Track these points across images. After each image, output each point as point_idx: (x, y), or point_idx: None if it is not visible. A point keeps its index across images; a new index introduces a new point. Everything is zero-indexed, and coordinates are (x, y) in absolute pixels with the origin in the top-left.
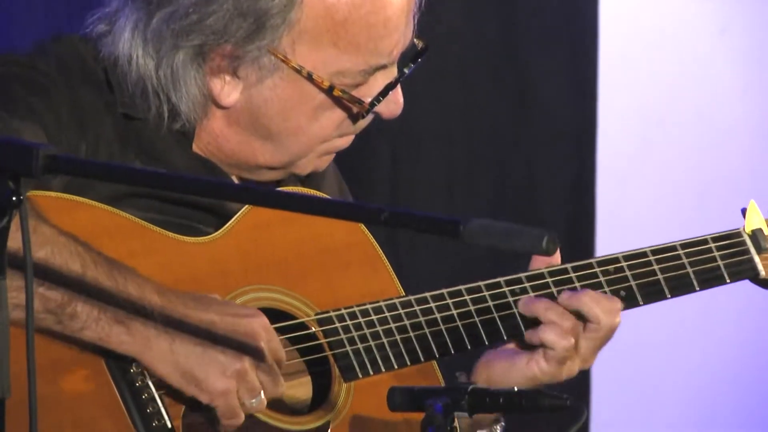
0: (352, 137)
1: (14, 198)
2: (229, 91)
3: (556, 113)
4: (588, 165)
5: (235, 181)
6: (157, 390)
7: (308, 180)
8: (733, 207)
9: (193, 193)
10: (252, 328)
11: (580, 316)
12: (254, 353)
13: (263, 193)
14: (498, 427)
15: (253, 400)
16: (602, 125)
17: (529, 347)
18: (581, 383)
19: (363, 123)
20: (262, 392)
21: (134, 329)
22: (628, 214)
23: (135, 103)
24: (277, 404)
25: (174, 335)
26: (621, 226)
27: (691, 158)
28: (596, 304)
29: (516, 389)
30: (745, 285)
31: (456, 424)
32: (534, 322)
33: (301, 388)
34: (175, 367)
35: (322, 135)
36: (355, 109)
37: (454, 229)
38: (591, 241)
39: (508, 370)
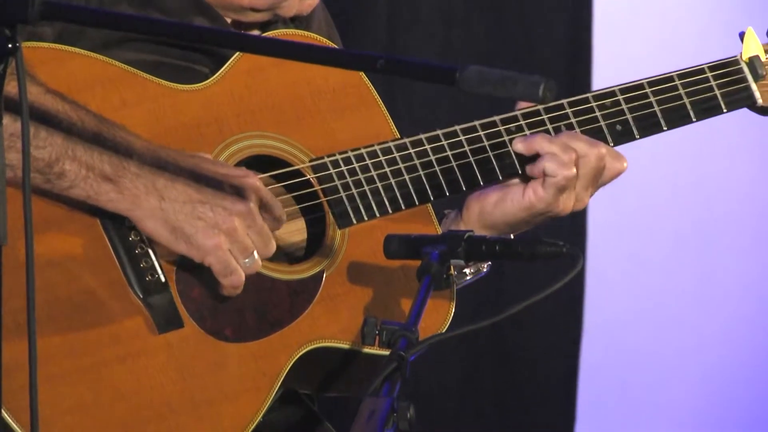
0: None
1: (9, 45)
2: None
3: None
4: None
5: (229, 22)
6: (150, 245)
7: (295, 21)
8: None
9: (186, 40)
10: (243, 188)
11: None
12: (244, 213)
13: (256, 40)
14: (485, 266)
15: (247, 260)
16: None
17: (525, 181)
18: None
19: None
20: (255, 252)
21: (123, 186)
22: (625, 56)
23: None
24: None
25: (163, 192)
26: (618, 68)
27: None
28: (575, 139)
29: (513, 237)
30: (745, 287)
31: (452, 271)
32: (529, 160)
33: (298, 234)
34: (165, 224)
35: None
36: None
37: (451, 76)
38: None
39: (501, 200)
